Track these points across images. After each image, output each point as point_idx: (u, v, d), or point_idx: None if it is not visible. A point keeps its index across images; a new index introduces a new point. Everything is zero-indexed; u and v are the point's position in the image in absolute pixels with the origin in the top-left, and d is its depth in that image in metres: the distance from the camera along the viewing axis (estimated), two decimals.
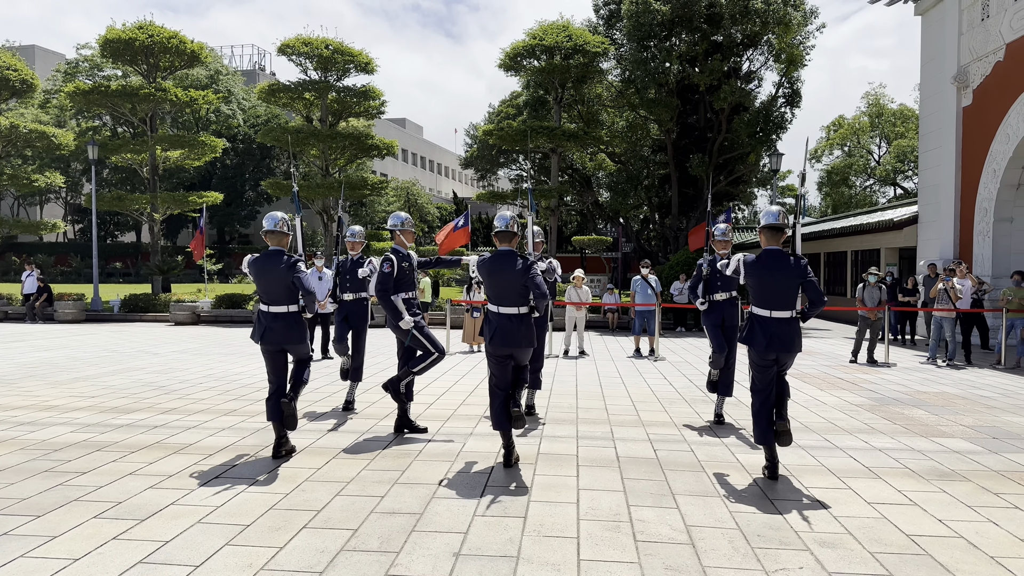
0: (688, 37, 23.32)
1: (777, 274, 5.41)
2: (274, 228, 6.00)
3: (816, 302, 5.46)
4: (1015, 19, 15.74)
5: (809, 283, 5.41)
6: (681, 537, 4.25)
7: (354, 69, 23.73)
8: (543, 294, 5.55)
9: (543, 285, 5.58)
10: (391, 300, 6.57)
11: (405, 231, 6.87)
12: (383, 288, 6.57)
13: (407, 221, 6.91)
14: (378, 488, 5.12)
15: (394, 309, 6.58)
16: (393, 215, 6.95)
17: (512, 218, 5.77)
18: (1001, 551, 4.11)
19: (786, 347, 5.39)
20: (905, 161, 43.13)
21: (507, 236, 5.74)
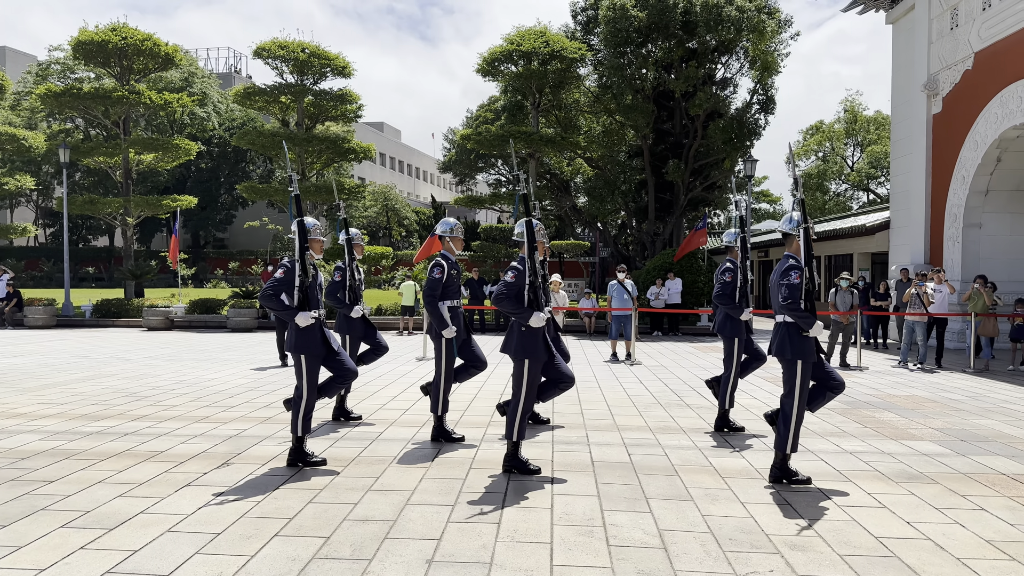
0: (664, 43, 23.51)
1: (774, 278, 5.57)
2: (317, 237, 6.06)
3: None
4: (983, 28, 16.06)
5: (780, 285, 5.47)
6: (654, 541, 4.28)
7: (331, 73, 23.63)
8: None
9: (497, 288, 5.57)
10: (438, 308, 6.46)
11: (455, 237, 6.74)
12: (431, 294, 6.45)
13: (457, 227, 6.79)
14: (351, 495, 5.09)
15: (440, 318, 6.45)
16: (442, 221, 6.84)
17: (520, 231, 5.71)
18: (967, 552, 4.17)
19: (772, 348, 5.57)
20: (878, 167, 43.78)
21: (515, 246, 5.80)
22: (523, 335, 5.51)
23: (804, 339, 5.39)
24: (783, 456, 5.50)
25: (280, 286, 5.64)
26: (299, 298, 5.68)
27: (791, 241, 5.60)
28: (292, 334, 5.71)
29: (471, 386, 10.14)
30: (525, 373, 5.54)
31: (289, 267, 5.72)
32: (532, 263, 5.54)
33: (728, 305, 7.33)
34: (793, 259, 5.50)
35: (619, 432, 7.26)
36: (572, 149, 27.32)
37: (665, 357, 14.28)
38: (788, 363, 5.44)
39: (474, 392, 9.63)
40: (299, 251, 5.73)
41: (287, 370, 11.72)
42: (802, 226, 5.48)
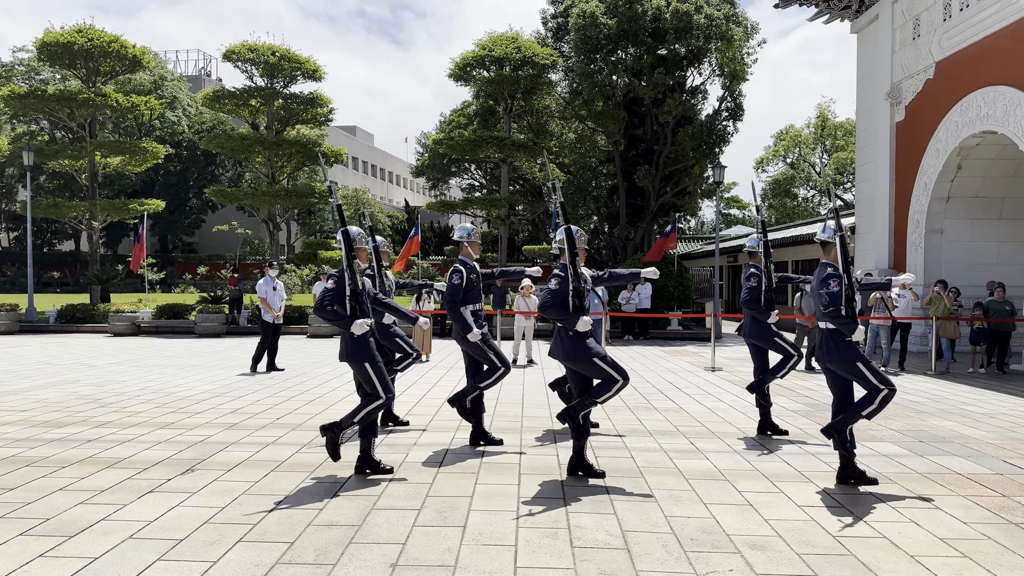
0: (634, 51, 23.76)
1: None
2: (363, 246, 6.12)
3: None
4: (944, 39, 16.45)
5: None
6: (617, 542, 4.33)
7: (301, 76, 23.51)
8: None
9: (543, 296, 5.66)
10: (460, 312, 6.52)
11: (472, 243, 6.81)
12: (452, 300, 6.53)
13: (474, 232, 6.85)
14: (317, 500, 5.08)
15: (463, 322, 6.51)
16: (460, 227, 6.89)
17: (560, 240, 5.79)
18: (921, 550, 4.28)
19: (820, 358, 5.72)
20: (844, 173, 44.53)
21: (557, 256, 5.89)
22: (572, 339, 5.59)
23: (848, 344, 5.53)
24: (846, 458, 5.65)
25: (333, 297, 5.67)
26: (351, 307, 5.69)
27: (829, 249, 5.80)
28: (348, 343, 5.69)
29: (441, 390, 10.15)
30: (600, 363, 5.55)
31: (339, 277, 5.73)
32: (575, 269, 5.65)
33: (755, 310, 7.48)
34: (831, 267, 5.66)
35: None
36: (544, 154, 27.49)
37: (635, 361, 14.39)
38: (848, 367, 5.53)
39: (444, 396, 9.63)
40: (347, 260, 5.73)
41: (256, 377, 11.63)
42: (839, 234, 5.66)
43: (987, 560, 4.12)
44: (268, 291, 12.15)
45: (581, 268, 5.71)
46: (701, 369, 13.19)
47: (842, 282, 5.53)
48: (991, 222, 17.01)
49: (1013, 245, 17.03)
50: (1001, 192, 16.77)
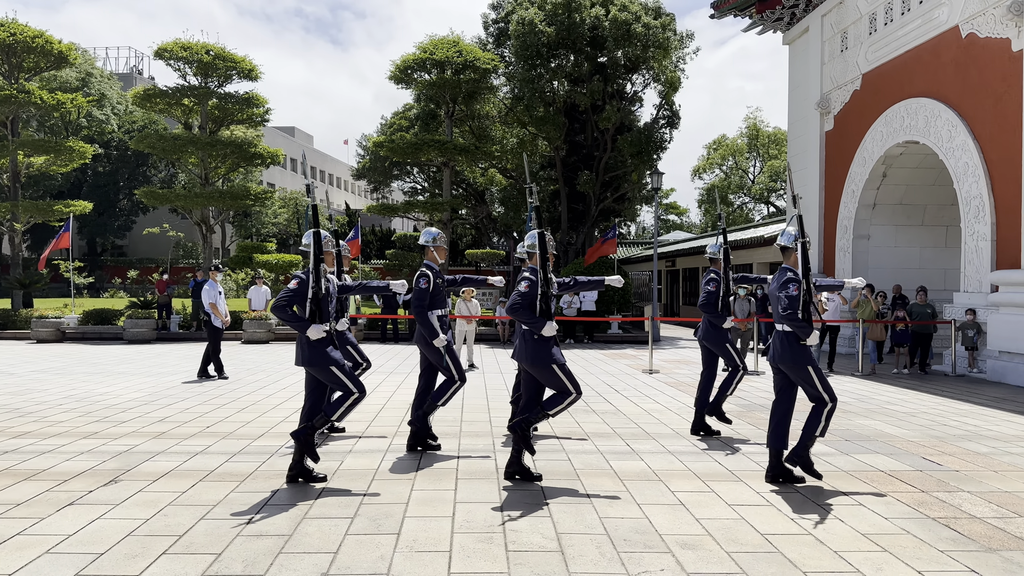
0: (573, 58, 24.00)
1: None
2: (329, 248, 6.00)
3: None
4: (869, 52, 17.10)
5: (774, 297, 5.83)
6: (551, 545, 4.34)
7: (236, 75, 22.95)
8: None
9: (512, 299, 5.68)
10: (427, 317, 6.46)
11: (438, 247, 6.77)
12: (420, 304, 6.46)
13: (440, 237, 6.79)
14: (246, 510, 4.95)
15: (431, 327, 6.45)
16: (425, 231, 6.80)
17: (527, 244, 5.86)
18: (844, 546, 4.42)
19: (773, 358, 5.90)
20: (777, 180, 45.85)
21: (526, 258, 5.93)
22: (536, 343, 5.61)
23: (802, 347, 5.72)
24: (778, 451, 5.82)
25: (293, 298, 5.53)
26: (311, 310, 5.55)
27: (789, 254, 5.95)
28: (305, 348, 5.57)
29: (379, 396, 10.04)
30: (556, 372, 5.59)
31: (303, 279, 5.59)
32: (544, 274, 5.69)
33: (712, 314, 7.64)
34: (792, 272, 5.82)
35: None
36: (486, 159, 27.49)
37: (575, 364, 14.51)
38: (799, 370, 5.71)
39: (382, 402, 9.53)
40: (314, 262, 5.61)
41: (186, 384, 11.29)
42: (800, 240, 5.83)
43: (905, 554, 4.28)
44: (216, 295, 11.88)
45: (550, 273, 5.76)
46: (639, 372, 13.37)
47: (801, 287, 5.73)
48: (914, 228, 17.74)
49: (934, 250, 17.79)
50: (923, 200, 17.51)
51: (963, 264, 14.12)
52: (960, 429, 8.15)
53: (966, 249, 14.00)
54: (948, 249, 17.56)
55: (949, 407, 9.70)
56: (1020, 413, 9.31)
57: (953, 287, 16.52)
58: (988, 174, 13.32)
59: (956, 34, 14.15)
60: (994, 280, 13.04)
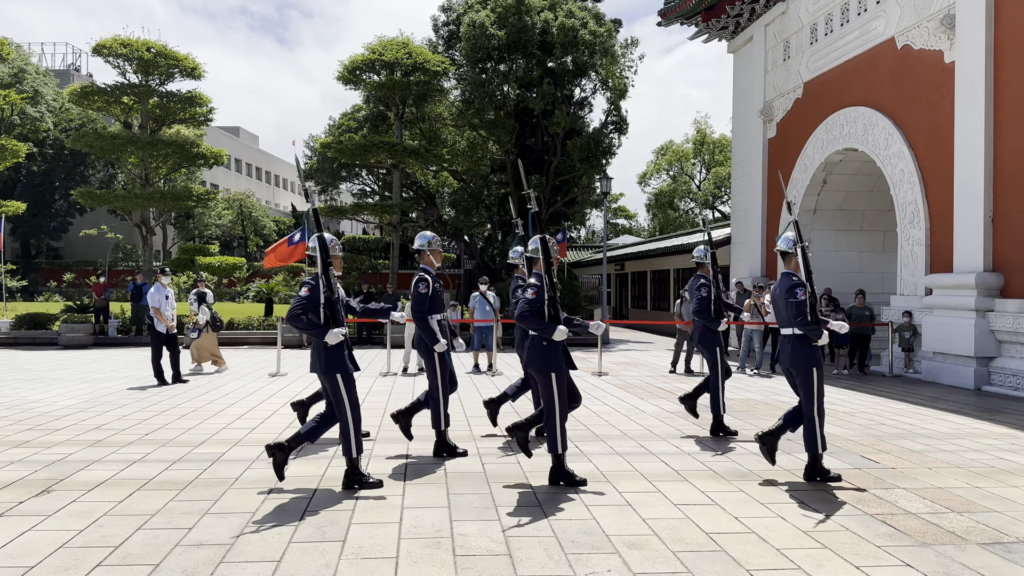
0: (523, 62, 24.09)
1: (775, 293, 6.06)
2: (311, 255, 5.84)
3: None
4: (811, 61, 17.58)
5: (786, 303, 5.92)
6: (499, 548, 4.32)
7: (179, 74, 22.41)
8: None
9: (520, 306, 5.65)
10: (428, 322, 6.40)
11: (434, 250, 6.65)
12: (420, 309, 6.37)
13: (435, 240, 6.68)
14: (186, 520, 4.81)
15: (431, 332, 6.40)
16: (420, 235, 6.68)
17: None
18: (786, 543, 4.50)
19: (784, 361, 6.03)
20: (722, 187, 46.79)
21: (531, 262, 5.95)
22: (546, 349, 5.59)
23: (813, 349, 5.83)
24: (815, 456, 5.89)
25: (307, 305, 5.42)
26: (325, 315, 5.44)
27: (789, 259, 6.05)
28: (322, 354, 5.45)
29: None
30: (554, 385, 5.57)
31: (313, 285, 5.47)
32: (550, 278, 5.65)
33: (706, 319, 7.75)
34: (795, 277, 5.95)
35: (475, 442, 7.31)
36: (437, 162, 27.38)
37: None
38: (803, 372, 5.81)
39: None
40: (322, 267, 5.51)
41: (127, 391, 10.94)
42: (799, 244, 5.95)
43: (845, 550, 4.39)
44: (161, 300, 11.54)
45: (555, 278, 5.75)
46: (588, 374, 13.46)
47: (807, 290, 5.85)
48: (853, 233, 18.27)
49: (872, 255, 18.35)
50: (862, 205, 18.05)
51: (899, 268, 14.60)
52: (897, 428, 8.42)
53: (902, 253, 14.48)
54: (885, 253, 18.14)
55: (886, 406, 10.01)
56: (953, 412, 9.67)
57: (890, 290, 17.07)
58: (923, 181, 13.81)
59: (892, 46, 14.64)
60: (928, 283, 13.52)
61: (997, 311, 11.91)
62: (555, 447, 5.61)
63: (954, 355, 12.60)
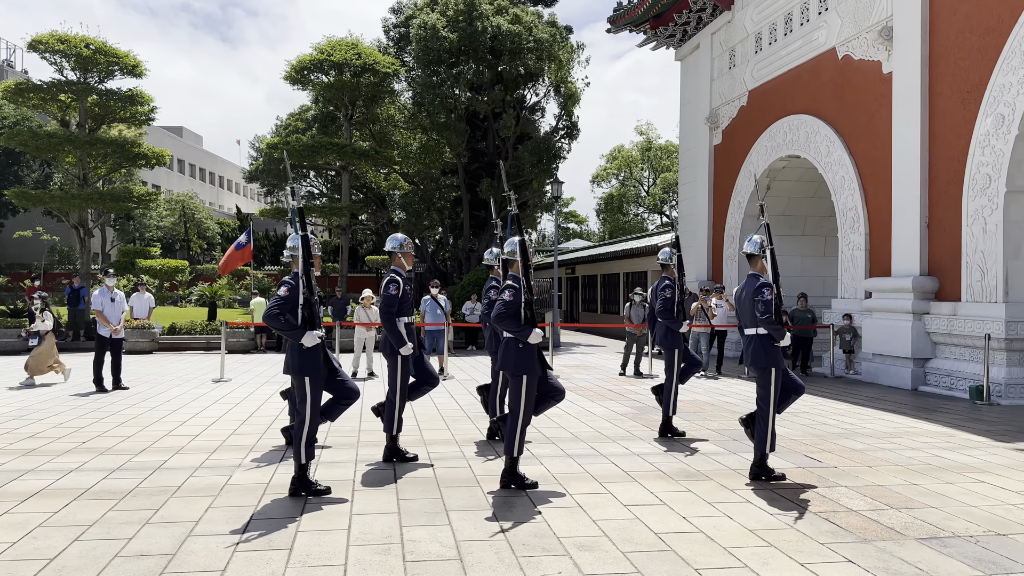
0: (475, 66, 24.08)
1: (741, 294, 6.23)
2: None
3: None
4: (755, 69, 17.98)
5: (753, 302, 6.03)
6: (450, 553, 4.29)
7: (119, 71, 21.75)
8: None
9: (497, 307, 5.65)
10: (396, 323, 6.32)
11: (405, 253, 6.60)
12: (388, 311, 6.30)
13: (406, 242, 6.64)
14: (126, 530, 4.65)
15: (398, 334, 6.32)
16: (391, 237, 6.63)
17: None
18: (733, 542, 4.58)
19: (746, 360, 6.19)
20: (670, 192, 47.51)
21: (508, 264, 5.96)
22: (521, 351, 5.60)
23: (776, 348, 5.99)
24: (762, 455, 6.01)
25: (286, 304, 5.32)
26: (303, 316, 5.36)
27: (755, 261, 6.21)
28: (295, 355, 5.35)
29: (272, 407, 9.70)
30: (523, 388, 5.59)
31: (293, 285, 5.38)
32: (527, 282, 5.69)
33: (669, 319, 7.87)
34: (762, 278, 6.11)
35: (426, 447, 7.25)
36: (387, 164, 27.16)
37: (477, 371, 14.50)
38: (763, 370, 5.97)
39: (275, 414, 9.21)
40: (303, 267, 5.41)
41: (60, 398, 10.55)
42: (768, 248, 6.12)
43: (789, 547, 4.48)
44: (105, 303, 11.18)
45: (532, 281, 5.77)
46: None
47: (773, 291, 6.00)
48: (796, 238, 18.73)
49: (814, 259, 18.84)
50: (804, 211, 18.52)
51: (840, 272, 15.02)
52: (838, 427, 8.65)
53: (842, 258, 14.90)
54: (827, 258, 18.64)
55: (828, 407, 10.28)
56: (891, 411, 9.98)
57: (831, 294, 17.55)
58: (862, 187, 14.25)
59: (833, 55, 15.08)
60: (868, 287, 13.94)
61: (932, 314, 12.35)
62: (512, 449, 5.61)
63: (892, 356, 13.02)
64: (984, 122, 11.37)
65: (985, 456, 7.15)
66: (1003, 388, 10.84)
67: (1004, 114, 11.01)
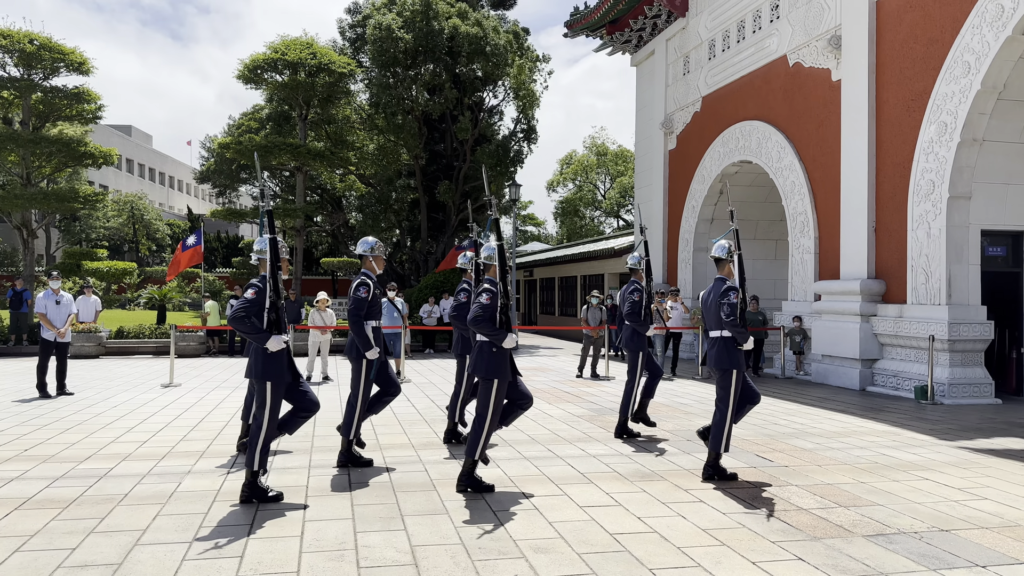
0: (432, 68, 24.00)
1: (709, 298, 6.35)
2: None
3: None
4: (709, 75, 18.27)
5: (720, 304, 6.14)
6: (405, 558, 4.25)
7: (65, 68, 21.12)
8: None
9: (473, 311, 5.67)
10: (363, 327, 6.24)
11: (376, 256, 6.57)
12: (357, 314, 6.21)
13: (378, 246, 6.61)
14: (69, 540, 4.50)
15: (365, 338, 6.25)
16: (362, 241, 6.56)
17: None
18: (687, 541, 4.63)
19: (709, 361, 6.33)
20: (626, 196, 47.99)
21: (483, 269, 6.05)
22: (493, 355, 5.62)
23: (738, 351, 6.13)
24: (716, 455, 6.13)
25: (252, 307, 5.22)
26: (269, 320, 5.26)
27: (723, 265, 6.34)
28: (259, 359, 5.26)
29: (223, 412, 9.51)
30: (493, 392, 5.60)
31: (260, 287, 5.29)
32: (504, 285, 5.70)
33: (636, 322, 7.98)
34: (728, 282, 6.23)
35: (381, 451, 7.18)
36: (343, 165, 26.89)
37: (434, 374, 14.42)
38: (724, 372, 6.08)
39: (225, 419, 9.03)
40: (271, 270, 5.31)
41: (1, 404, 10.18)
42: (735, 253, 6.28)
43: (741, 546, 4.55)
44: (49, 306, 10.81)
45: (510, 285, 5.73)
46: None
47: (739, 295, 6.12)
48: (747, 242, 19.06)
49: (765, 262, 19.21)
50: (756, 215, 18.87)
51: (790, 275, 15.34)
52: (789, 427, 8.82)
53: (793, 261, 15.23)
54: (777, 261, 19.02)
55: (779, 407, 10.48)
56: (840, 411, 10.22)
57: (782, 296, 17.91)
58: (812, 192, 14.58)
59: (784, 63, 15.41)
60: (817, 289, 14.26)
61: (879, 316, 12.69)
62: (474, 451, 5.61)
63: (841, 357, 13.34)
64: (928, 129, 11.74)
65: (929, 454, 7.36)
66: (946, 388, 11.19)
67: (947, 122, 11.38)
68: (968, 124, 11.10)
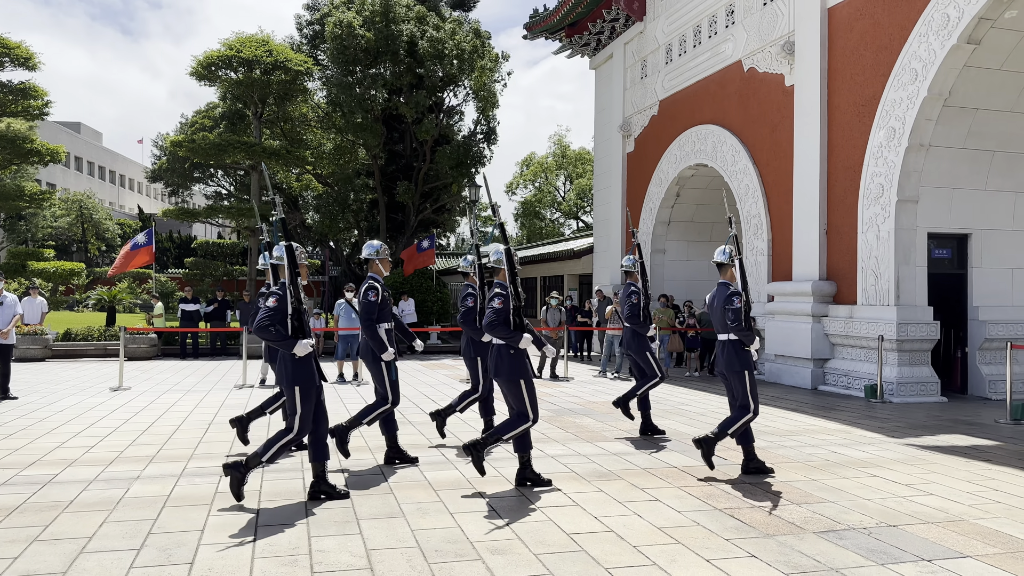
0: (393, 68, 23.83)
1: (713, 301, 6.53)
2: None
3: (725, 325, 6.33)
4: (666, 80, 18.48)
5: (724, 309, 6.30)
6: (360, 563, 4.20)
7: (10, 63, 20.48)
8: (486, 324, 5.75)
9: (488, 315, 5.73)
10: (376, 330, 6.25)
11: (383, 259, 6.60)
12: (369, 317, 6.23)
13: (383, 249, 6.64)
14: (11, 548, 4.35)
15: (380, 340, 6.28)
16: (367, 244, 6.56)
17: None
18: (643, 540, 4.66)
19: (719, 365, 6.49)
20: (585, 198, 48.29)
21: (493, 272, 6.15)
22: (513, 357, 5.71)
23: (746, 352, 6.31)
24: (750, 451, 6.39)
25: (275, 315, 5.29)
26: (293, 326, 5.34)
27: (725, 270, 6.48)
28: (287, 365, 5.24)
29: (174, 416, 9.30)
30: (524, 392, 5.70)
31: (281, 295, 5.28)
32: (515, 288, 5.79)
33: (636, 324, 8.13)
34: (731, 286, 6.39)
35: (335, 456, 7.08)
36: (300, 164, 26.52)
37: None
38: (737, 374, 6.21)
39: (177, 423, 8.84)
40: (290, 277, 5.31)
41: None
42: (737, 257, 6.39)
43: (696, 544, 4.60)
44: None
45: (519, 288, 5.87)
46: (455, 381, 13.43)
47: (743, 299, 6.27)
48: (704, 244, 19.35)
49: None
50: (711, 218, 19.15)
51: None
52: None
53: (747, 263, 15.48)
54: None
55: None
56: (792, 410, 10.41)
57: None
58: (765, 195, 14.84)
59: (739, 68, 15.66)
60: (770, 291, 14.52)
61: (831, 316, 12.97)
62: (524, 448, 5.85)
63: (793, 357, 13.60)
64: (877, 134, 12.04)
65: (878, 452, 7.55)
66: (895, 387, 11.49)
67: (895, 127, 11.69)
68: (915, 129, 11.42)
